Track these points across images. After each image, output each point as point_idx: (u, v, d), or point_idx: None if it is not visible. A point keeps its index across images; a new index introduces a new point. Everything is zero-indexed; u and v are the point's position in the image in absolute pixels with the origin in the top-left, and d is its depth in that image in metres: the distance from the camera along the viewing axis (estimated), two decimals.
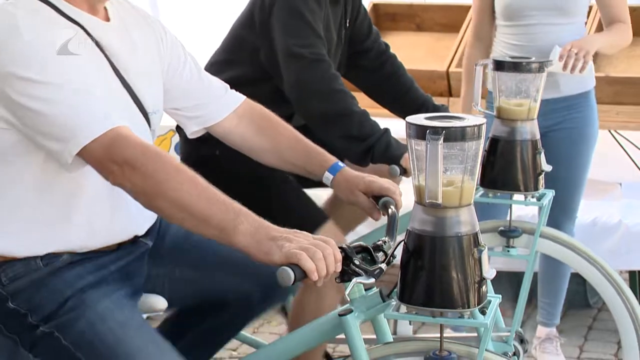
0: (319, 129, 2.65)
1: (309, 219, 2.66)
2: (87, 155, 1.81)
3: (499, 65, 2.54)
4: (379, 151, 2.59)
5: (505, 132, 2.53)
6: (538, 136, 2.54)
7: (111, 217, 2.00)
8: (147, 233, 2.14)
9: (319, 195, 3.24)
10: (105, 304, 1.95)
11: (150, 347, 1.92)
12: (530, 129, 2.53)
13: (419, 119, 1.64)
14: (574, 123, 3.39)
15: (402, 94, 3.04)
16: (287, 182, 2.80)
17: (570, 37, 3.27)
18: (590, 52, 3.24)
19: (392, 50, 3.12)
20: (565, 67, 3.21)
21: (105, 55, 1.96)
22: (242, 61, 2.78)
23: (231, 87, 2.33)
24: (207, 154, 2.71)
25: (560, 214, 3.38)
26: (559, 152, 3.35)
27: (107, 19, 2.03)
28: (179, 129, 2.87)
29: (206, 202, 1.75)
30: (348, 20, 2.95)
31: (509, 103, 2.53)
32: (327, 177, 2.26)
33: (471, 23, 3.50)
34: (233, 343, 3.36)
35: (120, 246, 2.06)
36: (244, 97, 2.30)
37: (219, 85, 2.29)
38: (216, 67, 2.78)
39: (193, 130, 2.29)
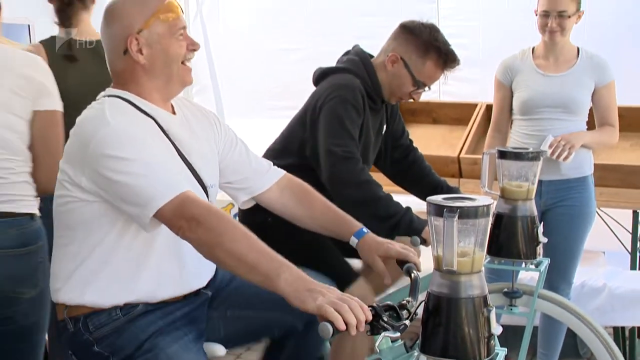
0: (350, 212, 2.64)
1: (343, 277, 2.63)
2: (161, 215, 1.83)
3: (502, 154, 2.53)
4: (403, 226, 2.59)
5: (508, 209, 2.51)
6: (535, 213, 2.51)
7: (178, 273, 2.01)
8: (207, 285, 2.14)
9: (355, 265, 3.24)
10: (175, 348, 1.94)
11: None
12: (529, 207, 2.50)
13: (438, 199, 1.63)
14: (573, 202, 3.34)
15: (421, 177, 3.06)
16: (327, 247, 2.78)
17: (572, 131, 3.28)
18: (575, 146, 3.24)
19: (412, 138, 3.16)
20: (552, 154, 3.21)
21: (171, 141, 2.01)
22: (291, 152, 2.80)
23: None
24: (261, 220, 2.71)
25: (558, 279, 3.32)
26: (560, 226, 3.31)
27: (174, 113, 2.08)
28: None
29: (256, 253, 1.76)
30: (387, 124, 3.00)
31: (511, 185, 2.51)
32: (353, 240, 2.25)
33: (492, 118, 3.51)
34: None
35: (186, 297, 2.06)
36: (285, 171, 2.32)
37: (264, 163, 2.32)
38: (272, 153, 2.83)
39: (243, 200, 2.30)
